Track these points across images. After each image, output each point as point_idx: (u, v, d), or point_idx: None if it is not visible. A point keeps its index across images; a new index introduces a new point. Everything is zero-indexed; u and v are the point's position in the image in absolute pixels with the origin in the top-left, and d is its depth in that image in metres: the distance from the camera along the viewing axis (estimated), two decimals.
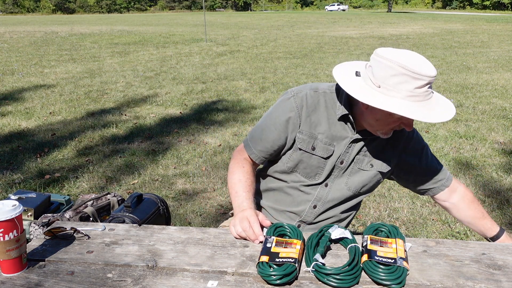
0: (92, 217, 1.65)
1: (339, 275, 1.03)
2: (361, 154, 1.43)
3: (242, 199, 1.37)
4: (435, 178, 1.49)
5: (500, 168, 3.86)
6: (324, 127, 1.39)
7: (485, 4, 65.23)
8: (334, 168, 1.43)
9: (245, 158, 1.49)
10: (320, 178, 1.45)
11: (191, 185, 3.60)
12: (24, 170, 3.91)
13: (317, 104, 1.39)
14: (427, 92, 1.21)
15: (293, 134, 1.41)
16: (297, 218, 1.51)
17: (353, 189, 1.47)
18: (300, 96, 1.39)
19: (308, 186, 1.47)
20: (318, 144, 1.40)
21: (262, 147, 1.45)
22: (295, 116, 1.39)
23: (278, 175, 1.50)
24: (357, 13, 55.57)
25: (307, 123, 1.39)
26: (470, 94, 6.78)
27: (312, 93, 1.40)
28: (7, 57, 11.93)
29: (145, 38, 17.72)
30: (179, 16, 53.88)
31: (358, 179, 1.46)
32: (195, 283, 1.06)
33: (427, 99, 1.21)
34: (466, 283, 1.04)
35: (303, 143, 1.40)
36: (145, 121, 5.51)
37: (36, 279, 1.08)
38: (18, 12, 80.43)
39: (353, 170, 1.45)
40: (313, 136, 1.40)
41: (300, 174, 1.46)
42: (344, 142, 1.40)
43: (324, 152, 1.40)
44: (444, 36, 17.22)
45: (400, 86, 1.18)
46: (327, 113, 1.39)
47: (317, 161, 1.42)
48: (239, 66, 10.01)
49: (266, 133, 1.44)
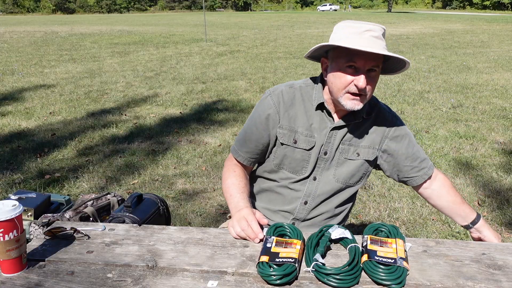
0: (92, 217, 1.65)
1: (339, 275, 1.03)
2: (346, 144, 1.45)
3: (237, 199, 1.40)
4: (418, 166, 1.51)
5: (500, 168, 3.86)
6: (303, 120, 1.44)
7: (485, 4, 65.25)
8: (318, 159, 1.46)
9: (235, 164, 1.55)
10: (307, 172, 1.47)
11: (191, 185, 3.60)
12: (24, 170, 3.91)
13: (294, 99, 1.45)
14: (369, 36, 1.28)
15: (274, 130, 1.46)
16: (290, 217, 1.53)
17: (341, 180, 1.49)
18: (276, 93, 1.46)
19: (297, 183, 1.49)
20: (299, 137, 1.44)
21: (248, 149, 1.51)
22: (273, 113, 1.44)
23: (267, 175, 1.55)
24: (357, 13, 55.57)
25: (286, 118, 1.44)
26: (470, 94, 6.78)
27: (288, 89, 1.47)
28: (7, 57, 11.93)
29: (145, 38, 17.72)
30: (179, 16, 53.88)
31: (345, 169, 1.48)
32: (195, 283, 1.06)
33: (370, 42, 1.28)
34: (466, 283, 1.04)
35: (284, 137, 1.45)
36: (145, 121, 5.51)
37: (36, 279, 1.08)
38: (18, 12, 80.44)
39: (339, 160, 1.47)
40: (293, 129, 1.44)
41: (287, 170, 1.49)
42: (324, 132, 1.44)
43: (306, 144, 1.44)
44: (444, 36, 17.22)
45: (343, 31, 1.32)
46: (304, 106, 1.45)
47: (301, 154, 1.46)
48: (239, 66, 10.01)
49: (249, 135, 1.50)
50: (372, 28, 1.29)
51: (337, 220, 1.58)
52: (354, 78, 1.30)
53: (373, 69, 1.32)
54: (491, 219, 3.00)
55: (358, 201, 3.29)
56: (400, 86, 7.44)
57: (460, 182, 3.60)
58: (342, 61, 1.31)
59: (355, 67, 1.30)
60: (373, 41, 1.28)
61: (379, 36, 1.30)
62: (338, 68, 1.32)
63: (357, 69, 1.30)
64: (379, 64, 1.33)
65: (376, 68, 1.32)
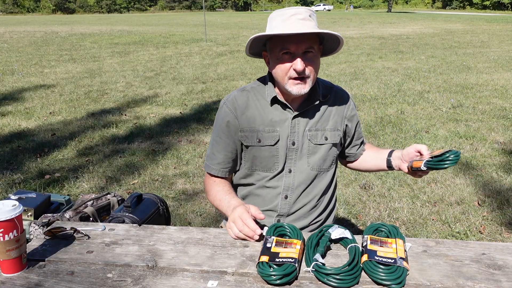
0: (92, 217, 1.65)
1: (339, 275, 1.03)
2: (312, 130, 1.48)
3: (228, 200, 1.42)
4: (359, 144, 1.64)
5: (500, 168, 3.86)
6: (261, 118, 1.47)
7: (485, 4, 65.21)
8: (288, 151, 1.48)
9: (212, 180, 1.57)
10: (279, 166, 1.49)
11: (191, 185, 3.60)
12: (24, 170, 3.91)
13: (248, 101, 1.49)
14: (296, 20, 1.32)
15: (236, 135, 1.49)
16: (274, 214, 1.54)
17: (316, 167, 1.51)
18: (230, 100, 1.51)
19: (273, 179, 1.51)
20: (262, 135, 1.47)
21: (218, 160, 1.54)
22: (232, 119, 1.48)
23: (243, 181, 1.58)
24: (357, 13, 55.58)
25: (244, 120, 1.48)
26: (470, 94, 6.77)
27: (241, 93, 1.51)
28: (7, 57, 11.93)
29: (145, 38, 17.72)
30: (179, 16, 53.88)
31: (317, 155, 1.50)
32: (195, 283, 1.06)
33: (297, 25, 1.31)
34: (466, 283, 1.03)
35: (247, 140, 1.48)
36: (145, 121, 5.51)
37: (36, 279, 1.08)
38: (18, 12, 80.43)
39: (310, 147, 1.49)
40: (254, 129, 1.47)
41: (260, 170, 1.52)
42: (286, 124, 1.46)
43: (271, 139, 1.47)
44: (444, 36, 17.22)
45: (273, 21, 1.38)
46: (260, 105, 1.48)
47: (268, 151, 1.48)
48: (239, 66, 10.01)
49: (216, 146, 1.54)
50: (297, 12, 1.33)
51: (320, 210, 1.57)
52: (292, 63, 1.34)
53: (309, 50, 1.35)
54: (491, 219, 3.00)
55: (358, 201, 3.29)
56: (400, 86, 7.44)
57: (460, 182, 3.60)
58: (277, 50, 1.36)
59: (290, 53, 1.34)
60: (300, 23, 1.32)
61: (305, 17, 1.33)
62: (276, 57, 1.37)
63: (292, 54, 1.34)
64: (313, 45, 1.35)
65: (311, 49, 1.35)
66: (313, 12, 1.37)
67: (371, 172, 1.63)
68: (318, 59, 1.39)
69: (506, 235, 2.81)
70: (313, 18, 1.36)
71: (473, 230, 2.88)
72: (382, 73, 8.72)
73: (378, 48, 13.36)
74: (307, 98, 1.47)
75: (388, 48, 13.35)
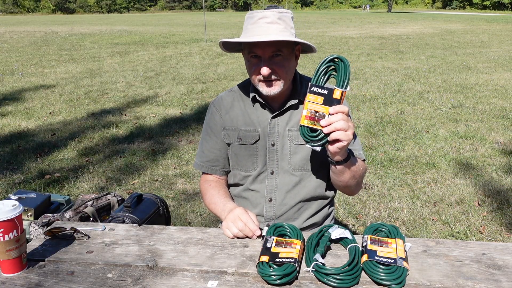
0: (92, 217, 1.65)
1: (339, 275, 1.03)
2: (294, 130, 1.45)
3: (223, 203, 1.42)
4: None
5: (500, 168, 3.85)
6: (244, 117, 1.49)
7: (485, 4, 65.19)
8: (268, 152, 1.47)
9: (206, 180, 1.60)
10: (258, 166, 1.49)
11: (191, 185, 3.60)
12: (24, 170, 3.91)
13: (233, 101, 1.53)
14: (263, 23, 1.31)
15: (221, 134, 1.53)
16: (261, 219, 1.52)
17: (297, 168, 1.47)
18: (217, 100, 1.57)
19: (256, 182, 1.50)
20: (242, 134, 1.49)
21: (208, 158, 1.57)
22: (218, 118, 1.54)
23: (231, 181, 1.60)
24: (357, 13, 55.58)
25: (228, 120, 1.51)
26: (470, 94, 6.77)
27: (228, 93, 1.56)
28: (7, 57, 11.93)
29: (145, 38, 17.72)
30: (179, 16, 53.88)
31: (299, 156, 1.47)
32: (195, 283, 1.06)
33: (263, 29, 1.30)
34: (466, 283, 1.03)
35: (229, 138, 1.51)
36: (145, 121, 5.51)
37: (36, 279, 1.08)
38: (18, 12, 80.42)
39: (291, 148, 1.46)
40: (236, 128, 1.50)
41: (241, 169, 1.52)
42: (266, 123, 1.46)
43: (250, 138, 1.48)
44: (444, 36, 17.22)
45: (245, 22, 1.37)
46: (243, 104, 1.51)
47: (248, 150, 1.48)
48: (239, 66, 10.01)
49: (205, 144, 1.57)
50: (266, 15, 1.32)
51: (310, 213, 1.51)
52: (260, 67, 1.34)
53: (277, 54, 1.33)
54: (491, 219, 3.00)
55: (358, 201, 3.29)
56: (400, 86, 7.44)
57: (460, 182, 3.60)
58: (246, 53, 1.38)
59: (258, 56, 1.34)
60: (266, 27, 1.31)
61: (273, 21, 1.32)
62: (247, 59, 1.39)
63: (260, 57, 1.34)
64: (282, 48, 1.33)
65: (280, 52, 1.33)
66: (284, 14, 1.34)
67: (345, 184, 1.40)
68: (289, 61, 1.36)
69: (506, 235, 2.81)
70: (283, 20, 1.32)
71: (473, 230, 2.88)
72: (382, 73, 8.72)
73: (378, 48, 13.36)
74: (288, 97, 1.45)
75: (388, 48, 13.35)
